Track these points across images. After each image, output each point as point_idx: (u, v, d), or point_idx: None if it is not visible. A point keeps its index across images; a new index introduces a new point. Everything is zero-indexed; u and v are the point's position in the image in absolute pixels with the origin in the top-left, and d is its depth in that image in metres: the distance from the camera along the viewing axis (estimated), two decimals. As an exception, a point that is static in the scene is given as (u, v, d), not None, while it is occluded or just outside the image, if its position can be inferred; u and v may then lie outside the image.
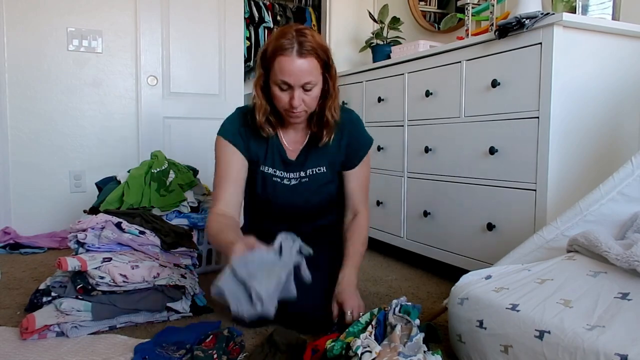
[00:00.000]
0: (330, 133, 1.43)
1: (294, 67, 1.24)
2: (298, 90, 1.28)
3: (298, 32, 1.26)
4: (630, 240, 1.14)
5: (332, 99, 1.38)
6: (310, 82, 1.28)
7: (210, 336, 1.27)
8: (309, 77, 1.27)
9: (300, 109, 1.32)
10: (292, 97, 1.28)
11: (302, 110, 1.33)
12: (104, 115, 2.84)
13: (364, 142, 1.52)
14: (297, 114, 1.34)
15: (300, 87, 1.28)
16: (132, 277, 1.42)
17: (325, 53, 1.31)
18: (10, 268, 2.11)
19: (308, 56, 1.25)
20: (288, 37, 1.25)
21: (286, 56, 1.24)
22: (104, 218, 1.58)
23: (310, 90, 1.30)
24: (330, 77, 1.35)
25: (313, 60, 1.27)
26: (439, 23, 2.71)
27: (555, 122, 1.49)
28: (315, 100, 1.35)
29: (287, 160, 1.47)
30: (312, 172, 1.48)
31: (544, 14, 1.48)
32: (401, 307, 1.19)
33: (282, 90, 1.30)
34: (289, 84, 1.27)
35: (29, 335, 1.31)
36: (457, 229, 1.87)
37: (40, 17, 2.65)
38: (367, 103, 2.44)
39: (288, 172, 1.47)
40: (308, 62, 1.26)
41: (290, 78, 1.26)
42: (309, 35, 1.27)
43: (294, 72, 1.25)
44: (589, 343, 0.85)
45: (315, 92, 1.32)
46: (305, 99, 1.31)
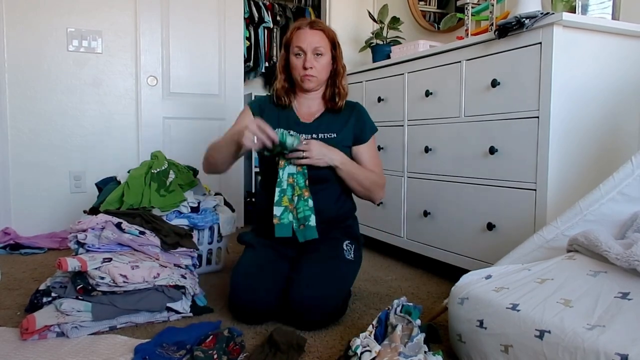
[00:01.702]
0: (343, 99, 1.65)
1: (306, 35, 1.56)
2: (310, 54, 1.55)
3: (312, 20, 1.63)
4: (630, 239, 1.14)
5: (340, 75, 1.64)
6: (319, 47, 1.56)
7: (211, 336, 1.27)
8: (318, 44, 1.56)
9: (312, 72, 1.56)
10: (305, 60, 1.55)
11: (313, 73, 1.57)
12: (104, 115, 2.84)
13: (371, 124, 1.71)
14: (310, 77, 1.57)
15: (311, 51, 1.55)
16: (132, 278, 1.42)
17: (333, 35, 1.61)
18: (10, 268, 2.11)
19: (318, 29, 1.58)
20: (304, 20, 1.62)
21: (301, 29, 1.58)
22: (104, 218, 1.58)
23: (320, 56, 1.57)
24: (337, 55, 1.63)
25: (322, 34, 1.58)
26: (439, 23, 2.70)
27: (555, 122, 1.49)
28: (324, 70, 1.60)
29: (300, 123, 1.64)
30: (323, 136, 1.60)
31: (543, 14, 1.48)
32: (402, 307, 1.19)
33: (297, 57, 1.57)
34: (302, 48, 1.55)
35: (29, 335, 1.31)
36: (457, 229, 1.87)
37: (40, 17, 2.65)
38: (367, 103, 2.44)
39: (301, 133, 1.56)
40: (318, 34, 1.57)
41: (303, 43, 1.55)
42: (321, 21, 1.66)
43: (306, 39, 1.55)
44: (589, 343, 0.85)
45: (324, 60, 1.58)
46: (316, 65, 1.57)
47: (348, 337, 1.21)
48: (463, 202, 1.84)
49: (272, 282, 1.47)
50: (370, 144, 1.69)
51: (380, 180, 1.66)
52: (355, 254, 1.61)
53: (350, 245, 1.61)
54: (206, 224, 2.01)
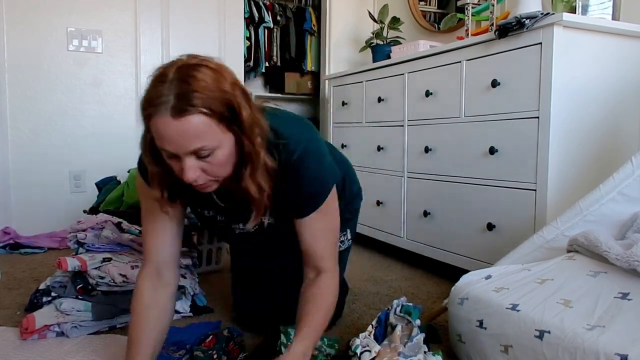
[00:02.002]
0: (260, 213, 1.03)
1: (171, 131, 0.84)
2: (189, 159, 0.88)
3: (180, 75, 0.84)
4: (630, 240, 1.14)
5: (251, 164, 0.94)
6: (202, 147, 0.86)
7: (210, 336, 1.27)
8: (197, 143, 0.86)
9: (201, 181, 0.92)
10: (182, 170, 0.89)
11: (205, 181, 0.93)
12: (104, 115, 2.84)
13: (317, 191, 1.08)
14: (202, 186, 0.95)
15: (190, 155, 0.87)
16: (132, 277, 1.42)
17: (225, 102, 0.86)
18: (10, 268, 2.11)
19: (190, 114, 0.83)
20: (165, 83, 0.84)
21: (159, 117, 0.84)
22: (104, 218, 1.58)
23: (208, 156, 0.89)
24: (244, 131, 0.91)
25: (201, 118, 0.84)
26: (439, 23, 2.71)
27: (555, 122, 1.49)
28: (223, 166, 0.93)
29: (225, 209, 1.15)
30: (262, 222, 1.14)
31: (544, 14, 1.48)
32: (402, 307, 1.19)
33: (170, 157, 0.91)
34: (172, 153, 0.88)
35: (29, 335, 1.31)
36: (457, 229, 1.87)
37: (40, 17, 2.65)
38: (367, 103, 2.44)
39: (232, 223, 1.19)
40: (191, 122, 0.83)
41: (170, 145, 0.86)
42: (197, 79, 0.84)
43: (173, 139, 0.85)
44: (589, 343, 0.85)
45: (217, 157, 0.90)
46: (207, 168, 0.91)
47: (348, 337, 1.21)
48: (463, 202, 1.84)
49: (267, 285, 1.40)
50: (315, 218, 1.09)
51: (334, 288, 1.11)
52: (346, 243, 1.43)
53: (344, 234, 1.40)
54: (206, 223, 2.01)
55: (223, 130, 0.88)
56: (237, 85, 0.91)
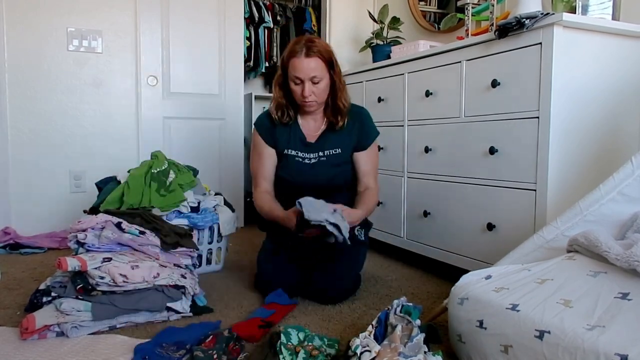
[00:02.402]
0: (344, 118, 1.74)
1: (302, 64, 1.60)
2: (308, 83, 1.62)
3: (307, 40, 1.64)
4: (630, 240, 1.14)
5: (339, 90, 1.71)
6: (316, 76, 1.62)
7: (210, 336, 1.27)
8: (315, 72, 1.61)
9: (311, 98, 1.64)
10: (304, 89, 1.62)
11: (313, 100, 1.65)
12: (104, 115, 2.84)
13: (372, 130, 1.81)
14: (309, 103, 1.66)
15: (309, 80, 1.61)
16: (132, 277, 1.42)
17: (329, 55, 1.65)
18: (10, 268, 2.11)
19: (313, 56, 1.60)
20: (299, 43, 1.63)
21: (297, 57, 1.61)
22: (104, 218, 1.58)
23: (317, 83, 1.64)
24: (335, 73, 1.68)
25: (318, 60, 1.61)
26: (439, 23, 2.70)
27: (555, 122, 1.49)
28: (324, 92, 1.68)
29: (307, 142, 1.76)
30: (329, 153, 1.74)
31: (544, 14, 1.48)
32: (402, 307, 1.19)
33: (296, 84, 1.65)
34: (300, 78, 1.61)
35: (29, 335, 1.31)
36: (457, 229, 1.87)
37: (40, 17, 2.65)
38: (367, 103, 2.44)
39: (308, 153, 1.75)
40: (314, 61, 1.60)
41: (301, 73, 1.61)
42: (316, 41, 1.64)
43: (303, 68, 1.60)
44: (589, 343, 0.85)
45: (322, 85, 1.65)
46: (315, 91, 1.64)
47: (348, 337, 1.21)
48: (463, 202, 1.84)
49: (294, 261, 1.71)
50: (370, 151, 1.80)
51: (375, 196, 1.78)
52: (365, 236, 1.84)
53: (361, 229, 1.81)
54: (206, 223, 2.01)
55: (326, 70, 1.65)
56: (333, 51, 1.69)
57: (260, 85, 4.22)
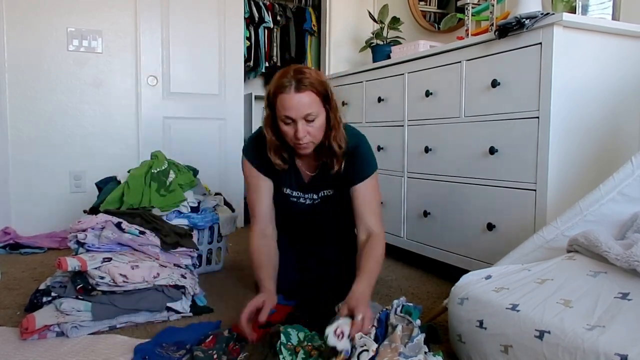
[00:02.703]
0: (340, 162, 1.51)
1: (294, 102, 1.35)
2: (301, 122, 1.37)
3: (296, 71, 1.37)
4: (630, 240, 1.14)
5: (335, 129, 1.46)
6: (310, 113, 1.37)
7: (210, 336, 1.27)
8: (308, 110, 1.36)
9: (306, 140, 1.41)
10: (297, 130, 1.37)
11: (308, 141, 1.42)
12: (104, 115, 2.84)
13: (367, 166, 1.57)
14: (304, 145, 1.42)
15: (302, 119, 1.37)
16: (132, 277, 1.42)
17: (323, 87, 1.40)
18: (10, 268, 2.11)
19: (305, 91, 1.35)
20: (287, 76, 1.36)
21: (285, 93, 1.35)
22: (104, 218, 1.58)
23: (312, 121, 1.39)
24: (331, 108, 1.44)
25: (311, 94, 1.36)
26: (439, 23, 2.70)
27: (555, 122, 1.49)
28: (320, 131, 1.43)
29: (302, 183, 1.61)
30: (323, 194, 1.61)
31: (544, 14, 1.48)
32: (402, 308, 1.19)
33: (287, 124, 1.40)
34: (291, 117, 1.37)
35: (29, 335, 1.31)
36: (457, 229, 1.87)
37: (40, 17, 2.65)
38: (367, 103, 2.44)
39: (304, 194, 1.62)
40: (306, 95, 1.35)
41: (291, 112, 1.36)
42: (307, 73, 1.37)
43: (294, 107, 1.35)
44: (589, 343, 0.85)
45: (317, 123, 1.40)
46: (310, 130, 1.40)
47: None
48: (463, 202, 1.84)
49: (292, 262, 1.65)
50: (369, 184, 1.56)
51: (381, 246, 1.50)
52: None
53: None
54: (206, 223, 2.01)
55: (321, 105, 1.40)
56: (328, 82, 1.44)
57: (260, 85, 4.23)
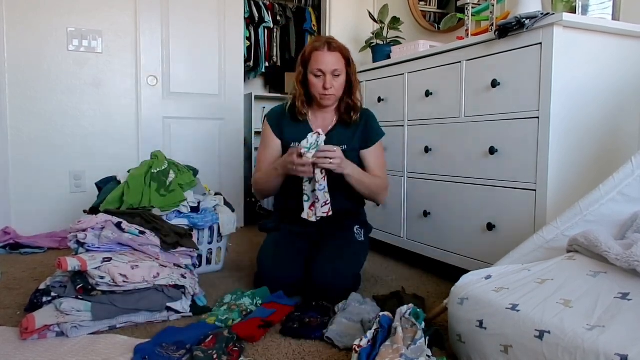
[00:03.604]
0: (356, 114, 1.82)
1: (325, 57, 1.70)
2: (329, 75, 1.71)
3: (327, 38, 1.77)
4: (630, 240, 1.14)
5: (355, 88, 1.81)
6: (337, 69, 1.71)
7: (210, 336, 1.27)
8: (336, 66, 1.71)
9: (332, 91, 1.73)
10: (325, 81, 1.71)
11: (332, 93, 1.74)
12: (104, 115, 2.84)
13: (378, 129, 1.88)
14: (329, 96, 1.74)
15: (330, 73, 1.71)
16: (132, 277, 1.42)
17: (347, 53, 1.77)
18: (10, 268, 2.11)
19: (335, 51, 1.72)
20: (320, 40, 1.75)
21: (320, 51, 1.71)
22: (104, 218, 1.58)
23: (338, 77, 1.73)
24: (352, 72, 1.78)
25: (338, 55, 1.73)
26: (439, 23, 2.70)
27: (555, 122, 1.49)
28: (342, 87, 1.77)
29: None
30: None
31: (544, 14, 1.48)
32: (411, 311, 1.18)
33: (316, 77, 1.73)
34: (323, 70, 1.71)
35: (29, 335, 1.31)
36: (457, 229, 1.87)
37: (40, 17, 2.65)
38: (367, 103, 2.43)
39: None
40: (335, 55, 1.72)
41: (323, 66, 1.70)
42: (335, 39, 1.77)
43: (326, 62, 1.70)
44: (589, 343, 0.85)
45: (341, 79, 1.74)
46: (335, 84, 1.73)
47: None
48: (463, 202, 1.84)
49: (296, 258, 1.73)
50: (376, 149, 1.85)
51: (384, 183, 1.83)
52: (364, 237, 1.87)
53: (360, 229, 1.86)
54: (206, 223, 2.01)
55: (345, 66, 1.75)
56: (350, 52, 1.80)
57: (260, 85, 4.23)
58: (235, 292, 1.69)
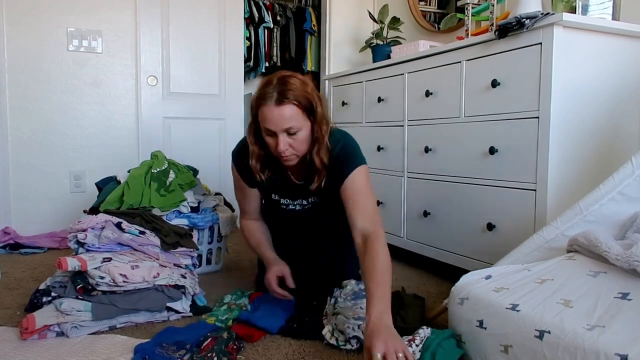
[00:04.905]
0: (320, 178, 1.46)
1: (274, 115, 1.31)
2: (282, 135, 1.33)
3: (280, 81, 1.33)
4: (630, 240, 1.14)
5: (318, 143, 1.41)
6: (292, 127, 1.33)
7: (210, 338, 1.27)
8: (289, 123, 1.32)
9: (288, 152, 1.37)
10: (277, 143, 1.34)
11: (290, 154, 1.38)
12: (104, 115, 2.84)
13: (351, 160, 1.46)
14: (287, 157, 1.39)
15: (283, 132, 1.33)
16: (132, 277, 1.42)
17: (307, 99, 1.34)
18: (10, 268, 2.11)
19: (287, 104, 1.30)
20: (270, 86, 1.33)
21: (266, 106, 1.31)
22: (104, 218, 1.58)
23: (295, 134, 1.35)
24: (316, 121, 1.38)
25: (293, 107, 1.31)
26: (439, 23, 2.70)
27: (555, 122, 1.49)
28: (304, 144, 1.39)
29: (291, 190, 1.58)
30: (313, 200, 1.58)
31: (544, 14, 1.48)
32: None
33: (269, 136, 1.37)
34: (272, 130, 1.33)
35: (29, 335, 1.31)
36: (457, 229, 1.87)
37: (40, 17, 2.65)
38: (367, 103, 2.44)
39: (293, 200, 1.60)
40: (288, 109, 1.31)
41: (272, 125, 1.32)
42: (291, 84, 1.32)
43: (274, 120, 1.31)
44: (589, 343, 0.85)
45: (301, 136, 1.36)
46: (292, 143, 1.36)
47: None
48: (463, 202, 1.84)
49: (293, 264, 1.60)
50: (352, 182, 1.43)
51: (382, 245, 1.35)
52: None
53: None
54: (206, 223, 2.01)
55: (305, 118, 1.35)
56: (315, 91, 1.38)
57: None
58: (235, 292, 1.69)
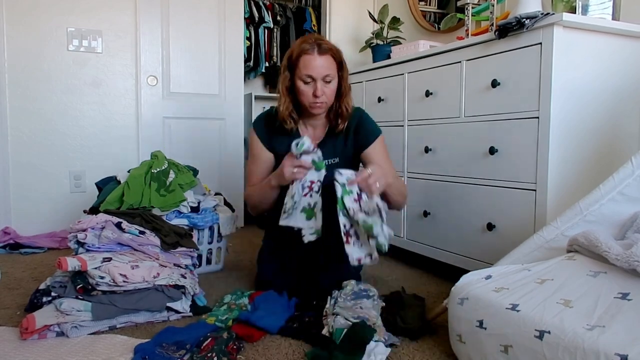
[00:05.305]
0: (344, 121, 1.66)
1: (316, 62, 1.52)
2: (320, 82, 1.54)
3: (317, 38, 1.57)
4: (630, 240, 1.14)
5: (345, 94, 1.63)
6: (329, 75, 1.54)
7: (210, 338, 1.27)
8: (327, 71, 1.54)
9: (322, 99, 1.56)
10: (316, 89, 1.53)
11: (323, 100, 1.56)
12: (104, 115, 2.84)
13: (373, 129, 1.70)
14: (319, 104, 1.57)
15: (321, 79, 1.53)
16: (132, 277, 1.42)
17: (340, 55, 1.59)
18: (10, 268, 2.11)
19: (326, 54, 1.54)
20: (309, 41, 1.54)
21: (309, 54, 1.52)
22: (104, 218, 1.58)
23: (329, 83, 1.56)
24: (344, 76, 1.61)
25: (330, 58, 1.55)
26: (439, 23, 2.70)
27: (555, 122, 1.49)
28: (333, 94, 1.60)
29: None
30: (327, 162, 1.60)
31: (544, 14, 1.48)
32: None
33: (306, 83, 1.55)
34: (313, 76, 1.53)
35: (29, 335, 1.31)
36: (457, 229, 1.87)
37: (40, 17, 2.65)
38: (367, 103, 2.44)
39: None
40: (326, 59, 1.54)
41: (313, 71, 1.52)
42: (326, 40, 1.59)
43: (316, 67, 1.52)
44: (589, 343, 0.85)
45: (333, 85, 1.57)
46: (326, 91, 1.56)
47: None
48: (463, 202, 1.84)
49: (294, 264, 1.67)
50: (377, 147, 1.67)
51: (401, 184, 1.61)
52: None
53: None
54: (206, 223, 2.01)
55: (336, 70, 1.57)
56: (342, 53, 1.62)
57: (260, 85, 4.22)
58: (235, 292, 1.69)
